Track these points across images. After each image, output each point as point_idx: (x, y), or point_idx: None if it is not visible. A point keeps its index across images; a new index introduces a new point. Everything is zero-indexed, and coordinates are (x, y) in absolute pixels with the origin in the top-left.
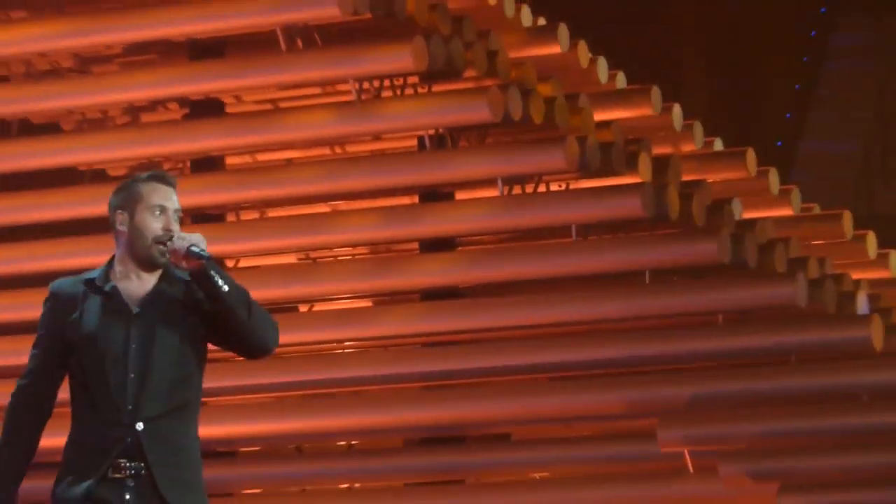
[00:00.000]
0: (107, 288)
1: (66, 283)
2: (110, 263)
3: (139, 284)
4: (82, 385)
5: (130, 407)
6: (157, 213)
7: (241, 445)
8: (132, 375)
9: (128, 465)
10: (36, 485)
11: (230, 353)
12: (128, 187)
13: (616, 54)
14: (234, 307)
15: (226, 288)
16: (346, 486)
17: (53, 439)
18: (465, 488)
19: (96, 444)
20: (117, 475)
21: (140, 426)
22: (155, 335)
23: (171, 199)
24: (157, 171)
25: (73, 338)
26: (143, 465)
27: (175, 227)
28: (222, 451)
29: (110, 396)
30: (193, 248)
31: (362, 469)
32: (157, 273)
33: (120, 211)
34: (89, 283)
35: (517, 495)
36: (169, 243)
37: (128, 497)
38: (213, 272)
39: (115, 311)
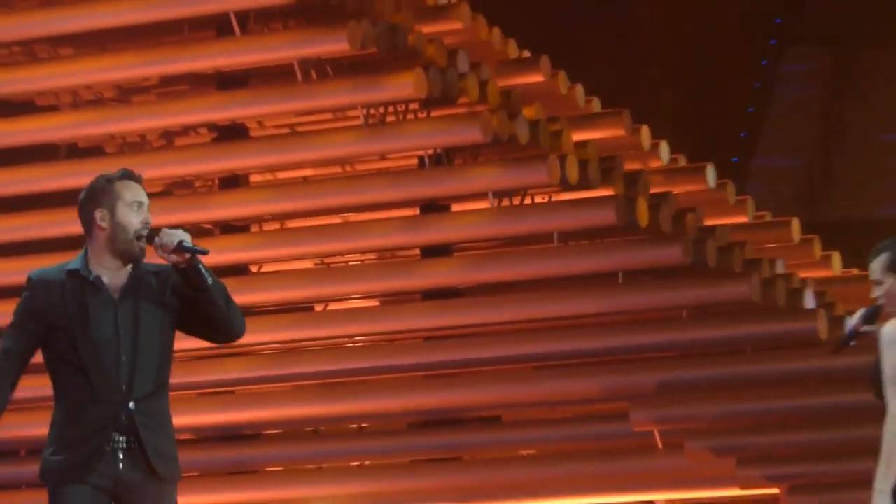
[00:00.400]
0: (91, 277)
1: (48, 271)
2: (85, 255)
3: (116, 275)
4: (74, 367)
5: (124, 387)
6: (136, 207)
7: (264, 429)
8: (124, 358)
9: (120, 438)
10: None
11: (256, 349)
12: (103, 186)
13: (592, 82)
14: (216, 298)
15: (210, 280)
16: (357, 463)
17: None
18: (461, 464)
19: (92, 420)
20: (108, 448)
21: (132, 404)
22: (139, 321)
23: (143, 194)
24: (125, 170)
25: (62, 323)
26: (133, 438)
27: (150, 219)
28: (248, 434)
29: (105, 377)
30: (185, 244)
31: (371, 448)
32: (130, 265)
33: (99, 209)
34: (72, 272)
35: (508, 470)
36: (157, 239)
37: (122, 467)
38: (200, 266)
39: (100, 299)
